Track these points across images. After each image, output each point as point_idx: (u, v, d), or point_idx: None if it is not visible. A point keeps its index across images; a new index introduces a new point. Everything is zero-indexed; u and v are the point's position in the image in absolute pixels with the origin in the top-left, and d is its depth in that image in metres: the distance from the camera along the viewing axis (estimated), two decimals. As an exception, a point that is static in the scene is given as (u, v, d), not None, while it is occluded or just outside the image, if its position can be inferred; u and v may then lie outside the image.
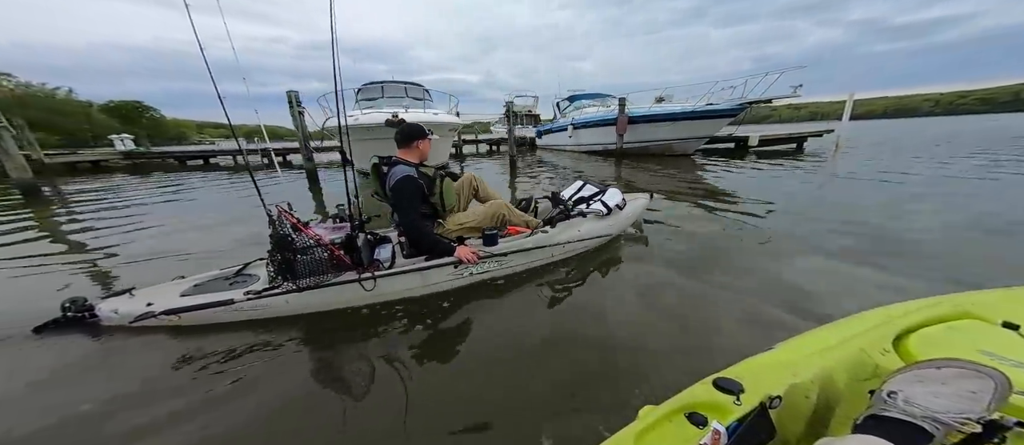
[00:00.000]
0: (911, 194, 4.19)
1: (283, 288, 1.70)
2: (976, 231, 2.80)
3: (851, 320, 0.97)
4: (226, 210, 4.89)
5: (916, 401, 0.56)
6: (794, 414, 0.70)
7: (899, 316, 0.91)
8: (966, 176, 5.17)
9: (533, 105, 22.22)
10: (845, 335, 0.86)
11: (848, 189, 4.66)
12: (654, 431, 0.61)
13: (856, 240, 2.62)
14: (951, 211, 3.43)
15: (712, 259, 2.34)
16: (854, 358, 0.78)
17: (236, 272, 2.06)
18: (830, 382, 0.73)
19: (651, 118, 9.27)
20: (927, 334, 0.83)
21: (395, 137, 1.99)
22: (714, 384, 0.69)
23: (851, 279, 2.06)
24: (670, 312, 1.78)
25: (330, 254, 1.75)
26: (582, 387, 1.30)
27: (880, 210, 3.47)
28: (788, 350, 0.87)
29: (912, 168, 6.14)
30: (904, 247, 2.48)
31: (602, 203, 2.34)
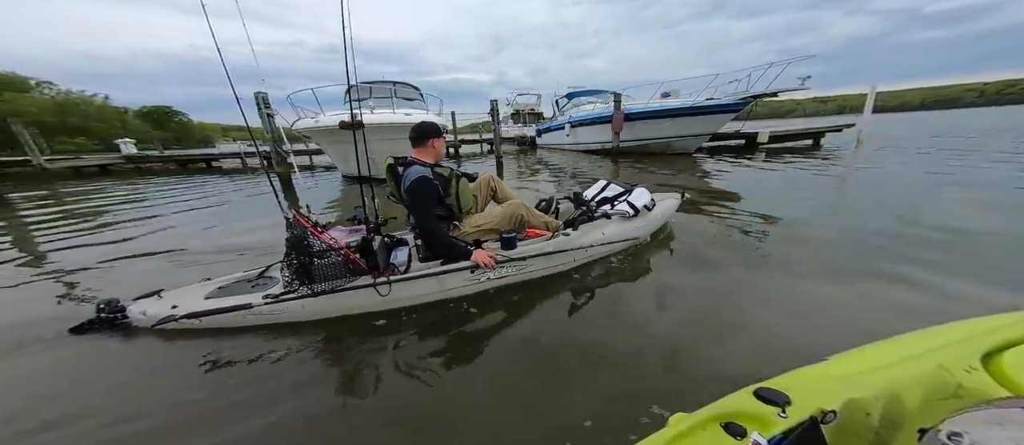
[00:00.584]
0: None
1: (299, 293, 1.67)
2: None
3: (925, 333, 0.86)
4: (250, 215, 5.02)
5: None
6: (851, 432, 0.63)
7: (992, 330, 0.79)
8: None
9: (536, 103, 21.73)
10: (917, 350, 0.77)
11: (870, 192, 4.13)
12: (686, 439, 0.57)
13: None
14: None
15: (746, 266, 2.18)
16: (930, 375, 0.68)
17: (259, 274, 2.07)
18: (897, 400, 0.65)
19: (648, 115, 8.76)
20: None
21: (409, 136, 1.94)
22: (755, 394, 0.63)
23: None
24: (702, 324, 1.64)
25: (345, 258, 1.72)
26: (608, 408, 1.19)
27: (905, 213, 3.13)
28: (844, 363, 0.78)
29: (945, 165, 5.55)
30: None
31: (628, 204, 2.21)
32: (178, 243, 3.35)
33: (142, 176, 11.23)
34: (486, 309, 1.84)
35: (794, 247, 2.45)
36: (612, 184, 2.40)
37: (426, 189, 1.79)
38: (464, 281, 1.87)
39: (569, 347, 1.53)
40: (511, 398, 1.28)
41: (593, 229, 2.10)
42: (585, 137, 11.04)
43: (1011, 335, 0.76)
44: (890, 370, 0.71)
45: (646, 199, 2.26)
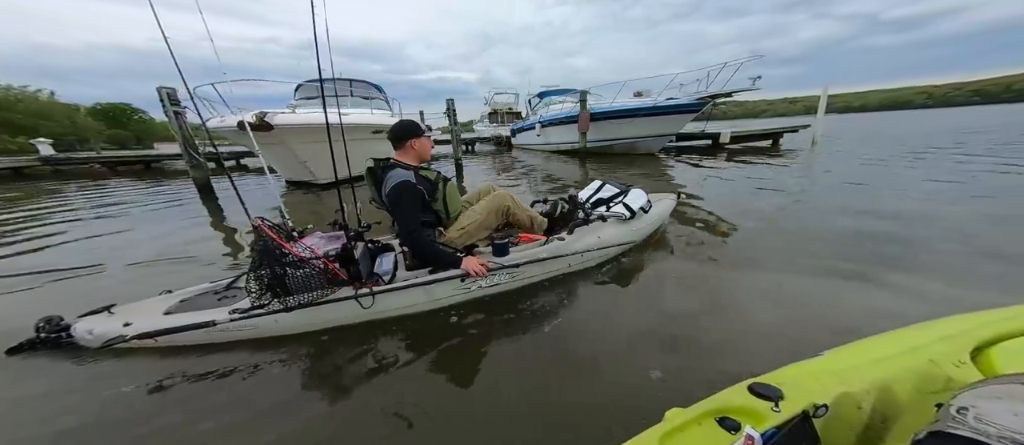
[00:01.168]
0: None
1: (271, 307, 1.51)
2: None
3: (914, 329, 0.88)
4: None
5: (992, 419, 0.49)
6: (843, 425, 0.65)
7: (978, 326, 0.82)
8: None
9: (514, 102, 20.98)
10: (909, 345, 0.79)
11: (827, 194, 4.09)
12: (681, 433, 0.58)
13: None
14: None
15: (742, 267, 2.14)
16: (921, 369, 0.71)
17: (228, 285, 1.89)
18: (889, 393, 0.68)
19: (613, 114, 8.64)
20: (1015, 346, 0.75)
21: (388, 137, 1.80)
22: (749, 389, 0.65)
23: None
24: (704, 337, 1.58)
25: (324, 268, 1.57)
26: (607, 420, 1.11)
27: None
28: (837, 358, 0.80)
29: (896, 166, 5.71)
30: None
31: (624, 205, 2.14)
32: (121, 256, 3.05)
33: (64, 180, 10.21)
34: (477, 319, 1.72)
35: (764, 245, 2.48)
36: (607, 184, 2.33)
37: (409, 194, 1.66)
38: (454, 290, 1.75)
39: (565, 357, 1.44)
40: (499, 419, 1.18)
41: (588, 233, 2.02)
42: (555, 137, 10.82)
43: (999, 331, 0.78)
44: (882, 364, 0.73)
45: (643, 201, 2.20)
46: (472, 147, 16.27)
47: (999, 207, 3.11)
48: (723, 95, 7.31)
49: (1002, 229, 2.56)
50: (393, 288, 1.64)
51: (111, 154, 14.93)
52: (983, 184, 4.04)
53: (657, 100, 8.09)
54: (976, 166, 5.22)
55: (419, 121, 2.13)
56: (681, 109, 7.87)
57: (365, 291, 1.59)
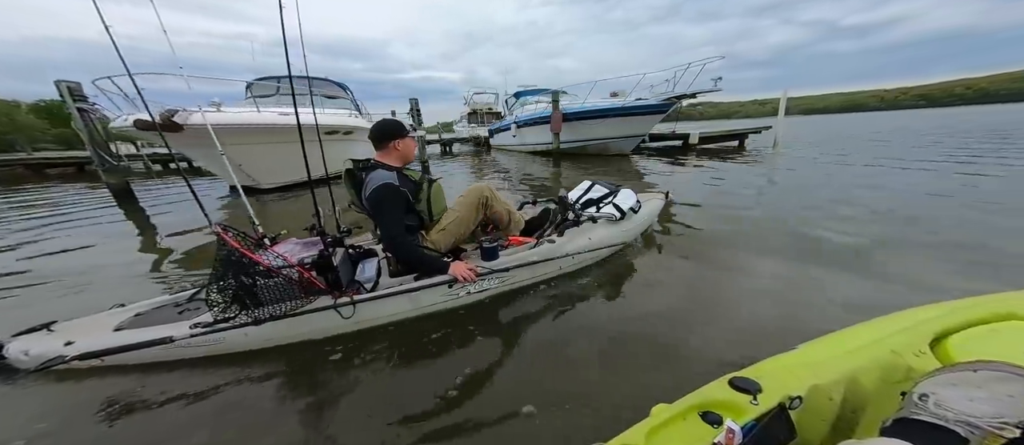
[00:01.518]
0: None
1: (239, 320, 1.38)
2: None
3: (880, 321, 0.92)
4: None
5: (949, 404, 0.53)
6: (816, 416, 0.68)
7: (936, 317, 0.86)
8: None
9: (494, 102, 20.28)
10: (874, 336, 0.82)
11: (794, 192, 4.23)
12: (666, 428, 0.60)
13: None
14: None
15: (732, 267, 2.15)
16: (885, 360, 0.74)
17: (191, 296, 1.73)
18: (857, 384, 0.71)
19: (585, 115, 8.59)
20: (969, 336, 0.79)
21: (369, 137, 1.69)
22: (730, 383, 0.67)
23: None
24: (695, 333, 1.55)
25: (299, 277, 1.45)
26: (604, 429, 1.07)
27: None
28: (810, 351, 0.83)
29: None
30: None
31: (614, 206, 2.11)
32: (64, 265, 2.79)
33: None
34: (466, 326, 1.64)
35: (741, 241, 2.53)
36: (597, 185, 2.29)
37: (392, 197, 1.55)
38: (441, 297, 1.66)
39: (561, 362, 1.38)
40: (498, 420, 1.12)
41: (579, 234, 1.97)
42: (531, 138, 10.67)
43: (954, 322, 0.82)
44: (850, 356, 0.76)
45: (632, 201, 2.17)
46: (450, 148, 15.93)
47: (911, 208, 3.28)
48: (688, 96, 7.34)
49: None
50: (375, 296, 1.54)
51: (41, 156, 13.68)
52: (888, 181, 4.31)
53: (626, 101, 8.10)
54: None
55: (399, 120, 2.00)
56: (649, 110, 7.88)
57: (345, 300, 1.48)
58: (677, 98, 7.46)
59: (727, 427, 0.57)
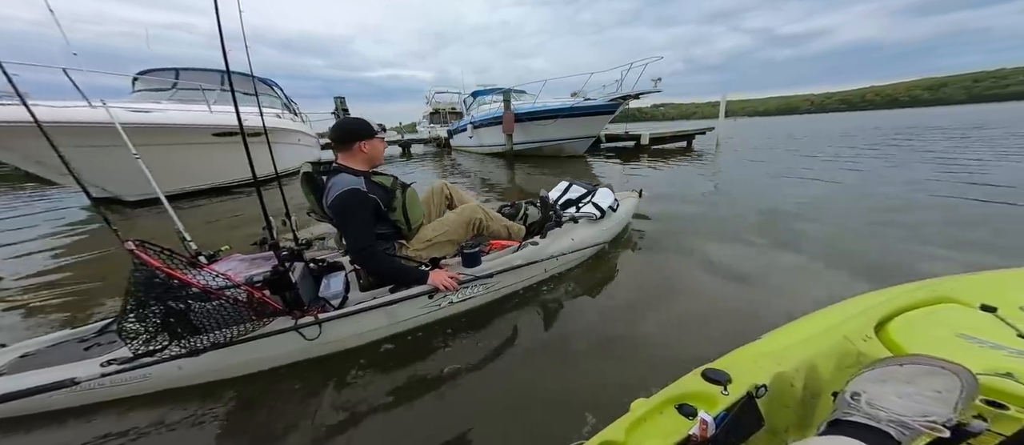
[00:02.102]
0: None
1: (165, 353, 1.14)
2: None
3: (834, 308, 0.98)
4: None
5: (880, 403, 0.53)
6: (781, 403, 0.70)
7: (880, 303, 0.92)
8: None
9: (457, 102, 19.48)
10: (829, 324, 0.86)
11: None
12: (645, 423, 0.61)
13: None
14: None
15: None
16: (838, 346, 0.78)
17: (101, 329, 1.42)
18: (814, 370, 0.73)
19: (536, 115, 8.35)
20: (908, 319, 0.84)
21: (330, 137, 1.50)
22: (703, 375, 0.69)
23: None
24: (687, 328, 1.55)
25: (248, 298, 1.23)
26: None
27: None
28: (774, 340, 0.86)
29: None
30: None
31: (594, 205, 2.08)
32: None
33: None
34: (448, 338, 1.51)
35: (705, 233, 2.65)
36: (574, 185, 2.26)
37: (358, 203, 1.38)
38: (420, 309, 1.51)
39: (555, 385, 1.28)
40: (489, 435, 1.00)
41: (562, 235, 1.91)
42: (487, 139, 10.26)
43: (895, 306, 0.88)
44: (808, 344, 0.79)
45: (610, 200, 2.16)
46: (408, 149, 15.25)
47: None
48: (632, 96, 7.34)
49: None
50: (345, 313, 1.35)
51: None
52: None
53: (576, 101, 8.00)
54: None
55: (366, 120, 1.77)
56: (599, 110, 7.80)
57: (308, 320, 1.28)
58: (623, 98, 7.42)
59: (701, 418, 0.58)
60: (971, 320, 0.80)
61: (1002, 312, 0.81)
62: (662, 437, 0.59)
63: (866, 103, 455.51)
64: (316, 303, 1.40)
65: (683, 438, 0.58)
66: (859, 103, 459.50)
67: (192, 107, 5.49)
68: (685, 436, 0.58)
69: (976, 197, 3.27)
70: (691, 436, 0.58)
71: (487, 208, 1.80)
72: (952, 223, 2.63)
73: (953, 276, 1.04)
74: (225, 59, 1.14)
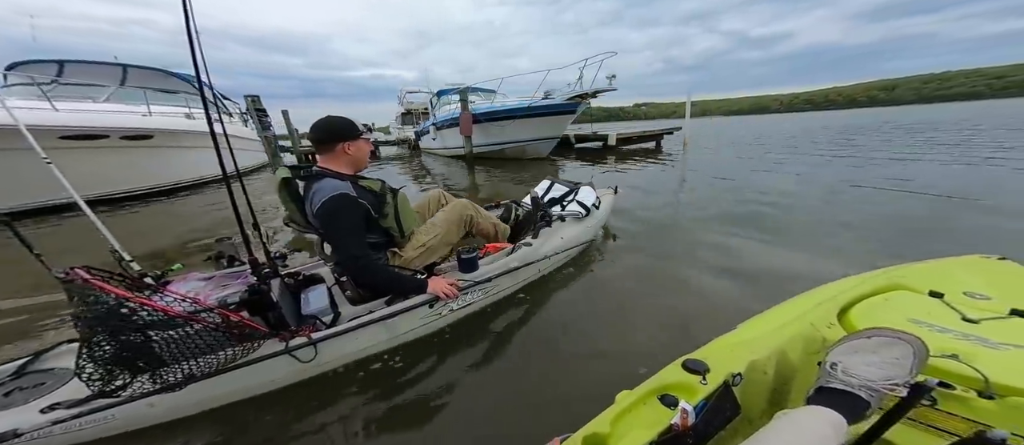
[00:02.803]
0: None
1: (139, 388, 0.97)
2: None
3: (802, 298, 1.02)
4: None
5: (853, 371, 0.60)
6: (755, 390, 0.73)
7: (843, 291, 0.97)
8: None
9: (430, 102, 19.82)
10: (797, 312, 0.91)
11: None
12: (630, 414, 0.63)
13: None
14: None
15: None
16: (805, 333, 0.82)
17: (18, 370, 1.19)
18: (785, 357, 0.77)
19: (495, 115, 7.96)
20: (866, 306, 0.89)
21: (310, 138, 1.37)
22: (683, 366, 0.71)
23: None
24: (673, 317, 1.64)
25: (226, 321, 1.08)
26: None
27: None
28: (749, 329, 0.89)
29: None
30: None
31: (578, 203, 2.13)
32: None
33: None
34: (451, 347, 1.45)
35: (677, 233, 2.83)
36: (556, 184, 2.29)
37: (348, 210, 1.27)
38: (421, 320, 1.43)
39: (567, 389, 1.30)
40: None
41: (553, 235, 1.93)
42: (450, 141, 9.76)
43: (854, 294, 0.95)
44: (778, 332, 0.83)
45: (593, 197, 2.23)
46: (377, 151, 14.42)
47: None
48: (590, 95, 7.03)
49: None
50: (340, 331, 1.23)
51: None
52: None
53: (532, 101, 7.59)
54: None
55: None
56: (557, 110, 7.47)
57: (301, 341, 1.15)
58: (580, 97, 7.07)
59: (681, 408, 0.61)
60: (921, 305, 0.86)
61: (948, 298, 0.87)
62: (646, 427, 0.60)
63: (829, 103, 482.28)
64: (306, 322, 1.27)
65: (665, 428, 0.59)
66: (823, 103, 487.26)
67: (39, 105, 4.61)
68: (667, 426, 0.59)
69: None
70: (673, 425, 0.59)
71: (476, 205, 1.76)
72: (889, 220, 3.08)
73: (906, 264, 1.12)
74: (193, 54, 0.98)
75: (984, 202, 3.12)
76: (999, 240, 2.33)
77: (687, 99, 10.04)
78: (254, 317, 1.17)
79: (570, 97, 7.14)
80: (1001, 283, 0.93)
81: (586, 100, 7.35)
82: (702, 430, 0.63)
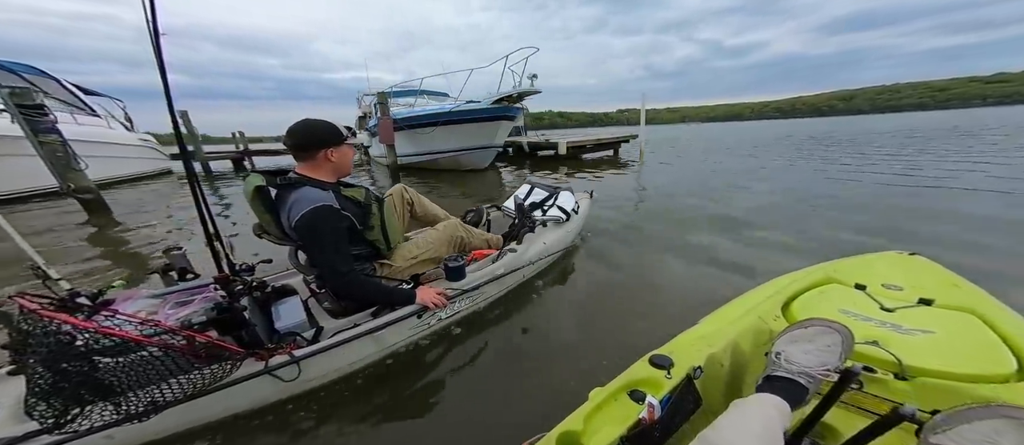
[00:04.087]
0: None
1: (93, 421, 0.83)
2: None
3: (753, 293, 1.10)
4: None
5: (793, 359, 0.65)
6: (713, 382, 0.77)
7: (786, 285, 1.05)
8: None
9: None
10: (748, 306, 0.97)
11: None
12: (601, 411, 0.65)
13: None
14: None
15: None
16: (754, 326, 0.88)
17: None
18: (738, 349, 0.82)
19: (415, 122, 7.08)
20: (804, 299, 0.97)
21: (286, 143, 1.26)
22: (650, 361, 0.73)
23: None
24: (648, 316, 1.75)
25: (190, 343, 0.96)
26: None
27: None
28: (708, 324, 0.94)
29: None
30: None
31: (559, 208, 2.17)
32: None
33: None
34: (438, 355, 1.43)
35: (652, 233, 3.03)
36: (536, 188, 2.32)
37: (331, 221, 1.19)
38: (409, 331, 1.38)
39: (544, 372, 1.33)
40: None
41: (536, 239, 1.95)
42: (378, 149, 9.01)
43: (795, 288, 1.03)
44: (732, 326, 0.88)
45: (573, 202, 2.29)
46: (366, 154, 12.48)
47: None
48: (513, 97, 6.29)
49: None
50: (325, 347, 1.15)
51: None
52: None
53: (457, 104, 6.72)
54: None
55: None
56: (486, 115, 6.54)
57: (283, 359, 1.06)
58: (505, 99, 6.25)
59: (648, 402, 0.63)
60: (848, 297, 0.94)
61: (870, 290, 0.95)
62: (616, 423, 0.61)
63: (795, 111, 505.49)
64: (282, 339, 1.16)
65: (634, 422, 0.61)
66: (790, 111, 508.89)
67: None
68: (635, 420, 0.61)
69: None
70: (640, 419, 0.61)
71: (466, 225, 1.76)
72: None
73: (838, 260, 1.23)
74: (154, 50, 0.87)
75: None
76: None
77: (641, 106, 9.12)
78: (224, 337, 1.05)
79: (494, 100, 6.35)
80: (911, 275, 1.03)
81: (512, 102, 6.49)
82: (667, 422, 0.65)
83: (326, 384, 1.24)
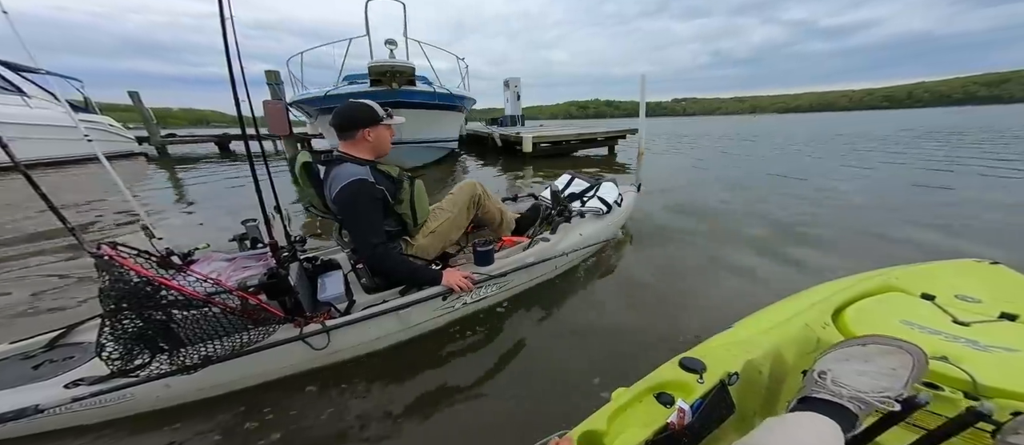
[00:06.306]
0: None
1: (156, 368, 0.99)
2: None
3: (797, 297, 1.01)
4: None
5: (842, 380, 0.57)
6: (750, 389, 0.73)
7: (837, 292, 0.97)
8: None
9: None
10: (792, 312, 0.90)
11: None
12: (626, 411, 0.62)
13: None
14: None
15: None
16: (800, 333, 0.82)
17: (50, 342, 1.22)
18: (780, 357, 0.77)
19: (316, 104, 5.59)
20: (860, 307, 0.88)
21: (331, 124, 1.36)
22: (680, 364, 0.70)
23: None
24: (686, 319, 1.57)
25: (243, 304, 1.09)
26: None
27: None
28: (744, 328, 0.89)
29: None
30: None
31: (599, 200, 2.05)
32: None
33: None
34: (463, 341, 1.44)
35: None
36: (577, 179, 2.22)
37: (367, 196, 1.26)
38: (434, 312, 1.42)
39: (582, 374, 1.26)
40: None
41: (571, 231, 1.87)
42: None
43: (848, 295, 0.94)
44: (773, 332, 0.82)
45: (615, 194, 2.14)
46: (275, 145, 11.36)
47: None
48: (395, 76, 4.87)
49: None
50: (354, 320, 1.23)
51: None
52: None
53: (357, 88, 5.43)
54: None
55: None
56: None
57: (315, 328, 1.16)
58: (386, 79, 4.84)
59: (678, 406, 0.60)
60: (913, 307, 0.86)
61: (940, 300, 0.87)
62: (642, 425, 0.59)
63: (912, 100, 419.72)
64: (319, 308, 1.28)
65: (661, 426, 0.59)
66: (904, 100, 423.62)
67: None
68: (663, 424, 0.59)
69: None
70: (669, 424, 0.59)
71: (484, 187, 1.68)
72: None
73: (899, 267, 1.11)
74: (223, 34, 0.96)
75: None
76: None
77: (641, 89, 7.37)
78: (272, 301, 1.18)
79: (342, 77, 5.41)
80: (992, 287, 0.93)
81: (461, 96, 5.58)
82: (698, 428, 0.62)
83: (350, 359, 1.32)
